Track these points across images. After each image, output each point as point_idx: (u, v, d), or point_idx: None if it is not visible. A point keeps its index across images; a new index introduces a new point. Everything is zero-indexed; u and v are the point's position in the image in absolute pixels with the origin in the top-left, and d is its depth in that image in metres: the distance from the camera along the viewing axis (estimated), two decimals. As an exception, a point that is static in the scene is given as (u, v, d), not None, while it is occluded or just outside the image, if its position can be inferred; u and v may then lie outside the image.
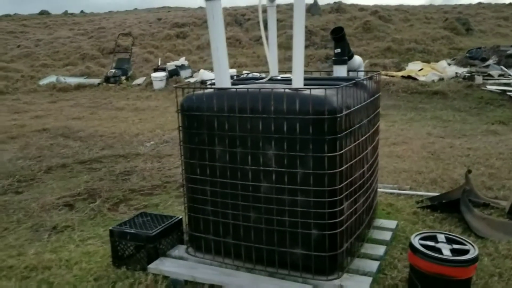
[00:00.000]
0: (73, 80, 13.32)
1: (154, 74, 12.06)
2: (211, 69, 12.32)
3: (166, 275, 2.72)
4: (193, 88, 2.76)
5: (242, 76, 3.56)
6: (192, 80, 11.72)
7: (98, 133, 7.36)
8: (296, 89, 2.46)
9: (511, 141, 6.04)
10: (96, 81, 13.08)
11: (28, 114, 9.59)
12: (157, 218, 3.12)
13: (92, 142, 6.73)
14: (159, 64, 13.44)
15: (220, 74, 2.62)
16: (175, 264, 2.81)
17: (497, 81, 9.97)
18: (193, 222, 2.86)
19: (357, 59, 3.42)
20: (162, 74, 12.01)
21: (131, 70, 13.57)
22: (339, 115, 2.37)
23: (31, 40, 19.05)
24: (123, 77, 12.91)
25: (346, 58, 3.25)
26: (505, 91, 9.22)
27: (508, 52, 11.26)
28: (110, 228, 2.99)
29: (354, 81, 2.71)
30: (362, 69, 3.49)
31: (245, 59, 14.15)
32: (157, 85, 11.77)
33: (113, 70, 13.06)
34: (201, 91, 2.69)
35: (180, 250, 2.97)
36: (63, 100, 11.46)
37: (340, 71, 3.25)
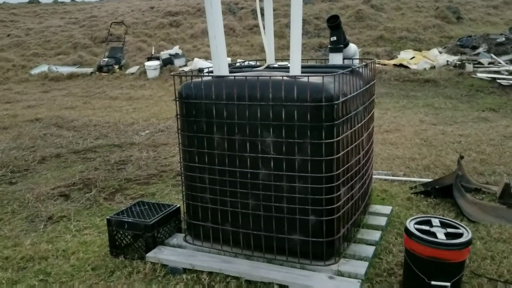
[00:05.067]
0: (65, 70, 13.16)
1: (147, 63, 11.95)
2: (205, 58, 12.29)
3: (164, 263, 2.75)
4: (191, 76, 2.77)
5: (237, 64, 3.56)
6: (186, 68, 11.63)
7: (92, 122, 7.32)
8: (294, 77, 2.47)
9: (501, 128, 6.12)
10: (89, 70, 12.94)
11: (20, 104, 9.49)
12: (155, 207, 3.13)
13: (86, 132, 6.70)
14: (153, 53, 13.31)
15: (218, 62, 2.62)
16: (173, 252, 2.83)
17: (487, 69, 10.04)
18: (191, 210, 2.88)
19: (352, 47, 3.42)
20: (156, 63, 11.90)
21: (124, 59, 13.43)
22: (336, 102, 2.40)
23: (22, 29, 18.70)
24: (116, 66, 12.79)
25: (342, 46, 3.26)
26: (495, 78, 9.29)
27: (498, 40, 11.30)
28: (108, 217, 3.00)
29: (350, 69, 2.73)
30: (357, 57, 3.50)
31: (239, 48, 14.04)
32: (151, 74, 11.68)
33: (106, 59, 12.92)
34: (199, 79, 2.70)
35: (178, 238, 3.00)
36: (56, 89, 11.35)
37: (336, 59, 3.26)
